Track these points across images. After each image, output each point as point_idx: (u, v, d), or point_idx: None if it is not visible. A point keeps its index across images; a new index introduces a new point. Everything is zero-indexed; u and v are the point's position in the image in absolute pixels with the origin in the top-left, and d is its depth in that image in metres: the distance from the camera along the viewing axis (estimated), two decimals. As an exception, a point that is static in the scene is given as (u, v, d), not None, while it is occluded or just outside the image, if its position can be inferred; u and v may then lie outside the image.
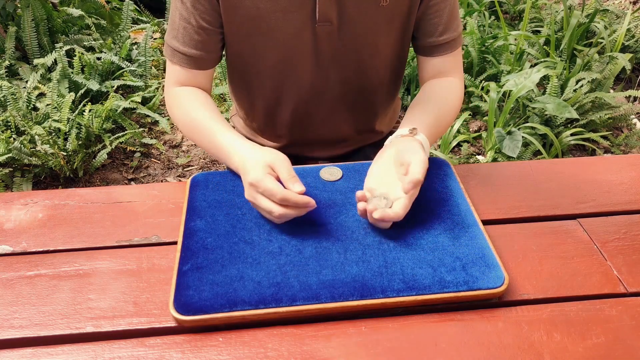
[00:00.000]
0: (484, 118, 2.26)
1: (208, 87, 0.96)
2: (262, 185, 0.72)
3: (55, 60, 2.15)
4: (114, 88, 2.23)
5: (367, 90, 0.99)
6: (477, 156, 2.12)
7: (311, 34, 0.87)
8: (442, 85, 0.96)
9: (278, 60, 0.91)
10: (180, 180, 1.96)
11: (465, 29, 2.45)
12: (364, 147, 1.12)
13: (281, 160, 0.75)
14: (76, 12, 2.43)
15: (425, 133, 0.85)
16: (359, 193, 0.74)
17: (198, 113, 0.88)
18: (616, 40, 2.51)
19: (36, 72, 2.14)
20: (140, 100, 2.20)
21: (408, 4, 0.89)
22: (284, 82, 0.95)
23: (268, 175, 0.73)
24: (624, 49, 2.61)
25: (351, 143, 1.09)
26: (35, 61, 2.19)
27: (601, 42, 2.58)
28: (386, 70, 0.98)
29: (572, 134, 2.11)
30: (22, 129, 1.89)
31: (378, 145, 1.01)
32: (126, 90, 2.35)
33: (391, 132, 1.11)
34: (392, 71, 1.00)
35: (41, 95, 2.10)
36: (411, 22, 0.92)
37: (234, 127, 1.19)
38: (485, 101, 2.22)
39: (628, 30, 2.63)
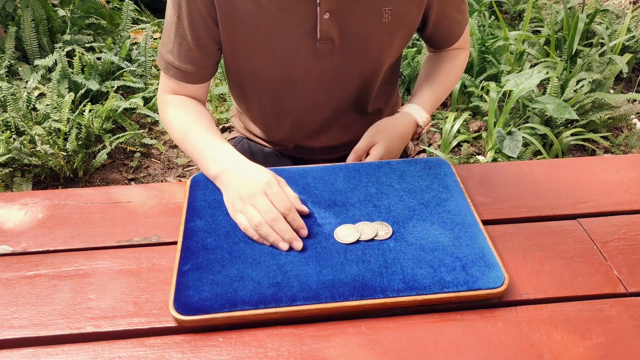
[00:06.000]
0: (484, 118, 2.26)
1: (203, 98, 0.96)
2: (283, 183, 0.77)
3: (55, 60, 2.15)
4: (114, 88, 2.23)
5: (368, 98, 1.00)
6: (477, 156, 2.13)
7: (312, 51, 0.87)
8: (448, 57, 1.05)
9: (277, 77, 0.91)
10: (180, 180, 1.96)
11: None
12: None
13: (283, 181, 0.79)
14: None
15: (427, 102, 1.00)
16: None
17: (190, 121, 0.88)
18: (616, 41, 2.51)
19: (36, 73, 2.14)
20: (140, 101, 2.20)
21: (411, 19, 0.90)
22: (283, 97, 0.95)
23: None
24: (624, 49, 2.61)
25: (351, 146, 1.09)
26: (36, 62, 2.19)
27: (601, 42, 2.58)
28: (386, 75, 1.00)
29: (572, 134, 2.11)
30: (22, 129, 1.89)
31: None
32: (126, 90, 2.35)
33: None
34: (391, 73, 1.02)
35: (41, 95, 2.10)
36: (413, 28, 0.93)
37: (233, 128, 1.20)
38: (485, 101, 2.22)
39: (628, 30, 2.63)
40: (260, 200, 0.73)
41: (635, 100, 2.44)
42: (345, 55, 0.89)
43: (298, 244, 0.71)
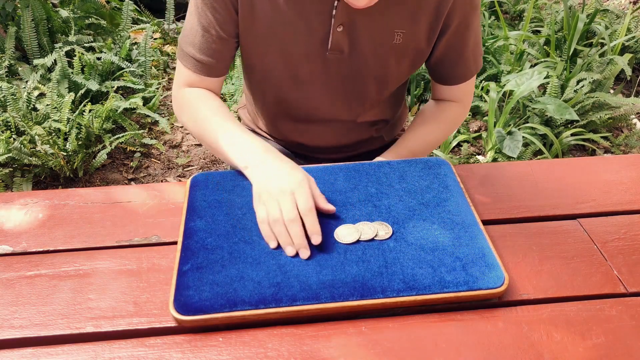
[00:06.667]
0: (484, 118, 2.26)
1: (218, 92, 0.97)
2: (312, 184, 0.75)
3: (55, 60, 2.15)
4: (114, 88, 2.23)
5: (372, 108, 1.00)
6: (477, 156, 2.12)
7: (321, 59, 0.88)
8: (441, 110, 1.02)
9: (284, 76, 0.92)
10: (180, 180, 1.96)
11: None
12: (368, 151, 1.13)
13: (314, 181, 0.78)
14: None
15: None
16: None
17: (208, 113, 0.88)
18: (617, 41, 2.51)
19: (36, 73, 2.14)
20: (140, 101, 2.20)
21: (421, 46, 0.90)
22: (286, 96, 0.96)
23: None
24: (624, 49, 2.61)
25: (353, 148, 1.10)
26: (35, 62, 2.19)
27: (601, 42, 2.58)
28: (391, 91, 1.00)
29: (572, 134, 2.11)
30: (22, 129, 1.89)
31: (382, 149, 1.02)
32: (126, 91, 2.35)
33: (395, 139, 1.13)
34: (398, 89, 1.02)
35: (41, 95, 2.10)
36: (423, 57, 0.93)
37: (239, 120, 1.21)
38: (485, 101, 2.22)
39: (628, 30, 2.63)
40: (286, 199, 0.72)
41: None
42: (352, 66, 0.90)
43: (305, 253, 0.70)
